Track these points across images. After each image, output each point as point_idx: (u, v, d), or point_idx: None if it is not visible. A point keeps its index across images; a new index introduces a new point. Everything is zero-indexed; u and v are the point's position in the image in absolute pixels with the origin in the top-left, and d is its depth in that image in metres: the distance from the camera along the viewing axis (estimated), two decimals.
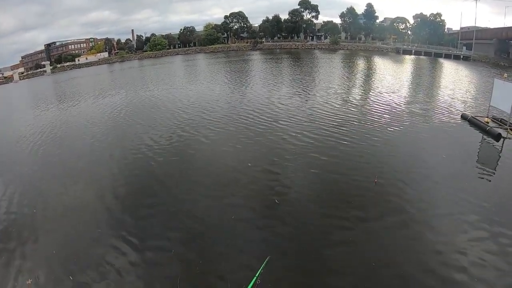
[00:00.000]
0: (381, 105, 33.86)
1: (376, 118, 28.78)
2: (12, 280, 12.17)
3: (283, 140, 24.13)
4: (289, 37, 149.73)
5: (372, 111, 31.47)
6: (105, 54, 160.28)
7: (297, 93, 40.99)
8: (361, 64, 78.99)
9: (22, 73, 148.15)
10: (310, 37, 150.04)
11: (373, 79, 54.11)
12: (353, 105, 33.94)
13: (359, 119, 28.59)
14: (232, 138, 25.31)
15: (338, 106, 33.55)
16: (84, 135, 30.12)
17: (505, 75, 50.55)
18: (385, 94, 39.63)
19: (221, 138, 25.58)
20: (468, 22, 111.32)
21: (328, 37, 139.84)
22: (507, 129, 24.89)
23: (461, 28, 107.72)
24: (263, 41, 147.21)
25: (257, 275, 10.61)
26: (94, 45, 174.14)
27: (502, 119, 26.48)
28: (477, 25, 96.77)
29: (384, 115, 29.75)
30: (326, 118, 29.09)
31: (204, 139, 25.57)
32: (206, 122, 29.69)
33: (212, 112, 33.33)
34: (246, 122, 28.98)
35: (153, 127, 29.86)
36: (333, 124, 27.22)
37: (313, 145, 22.94)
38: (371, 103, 34.77)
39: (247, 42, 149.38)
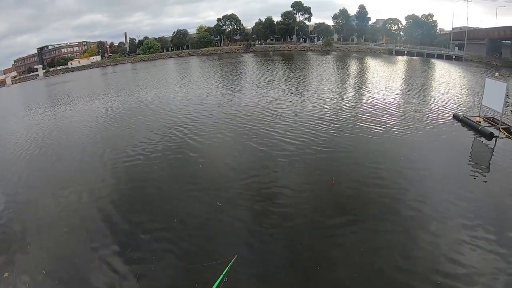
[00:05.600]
0: (372, 106, 33.76)
1: (367, 119, 28.63)
2: None
3: (269, 141, 24.03)
4: (282, 39, 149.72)
5: (363, 112, 31.33)
6: (98, 58, 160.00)
7: (289, 95, 40.83)
8: (353, 65, 79.23)
9: (15, 77, 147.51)
10: (303, 39, 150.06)
11: (365, 80, 53.92)
12: (344, 106, 33.85)
13: (350, 120, 28.56)
14: (221, 140, 25.38)
15: (328, 107, 33.43)
16: (75, 140, 29.72)
17: (497, 74, 51.25)
18: (377, 95, 39.57)
19: (212, 140, 25.51)
20: (460, 23, 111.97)
21: (321, 38, 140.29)
22: (499, 128, 24.90)
23: (453, 29, 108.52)
24: (256, 44, 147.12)
25: (224, 273, 10.83)
26: (87, 49, 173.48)
27: (494, 118, 26.47)
28: (469, 25, 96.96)
29: (375, 116, 29.61)
30: (316, 119, 28.88)
31: (196, 142, 25.47)
32: (198, 125, 29.59)
33: (204, 115, 33.16)
34: (236, 125, 28.87)
35: (145, 131, 29.51)
36: (323, 125, 27.21)
37: (299, 146, 22.91)
38: (362, 104, 34.64)
39: (240, 45, 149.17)
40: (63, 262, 12.98)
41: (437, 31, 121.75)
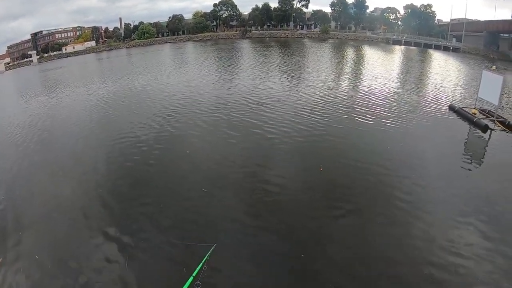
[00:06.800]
0: (368, 95, 33.52)
1: (363, 108, 28.50)
2: None
3: (263, 130, 23.84)
4: (279, 26, 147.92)
5: (359, 101, 31.14)
6: (93, 43, 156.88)
7: (281, 83, 40.37)
8: (350, 54, 78.59)
9: (8, 63, 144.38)
10: (300, 26, 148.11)
11: (360, 69, 53.65)
12: (337, 95, 33.60)
13: (341, 109, 28.43)
14: (210, 126, 25.41)
15: (324, 96, 33.09)
16: (70, 126, 29.62)
17: (494, 67, 50.89)
18: (373, 84, 39.23)
19: (201, 126, 25.50)
20: (459, 14, 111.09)
21: (318, 26, 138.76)
22: (494, 120, 24.92)
23: (452, 20, 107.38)
24: (252, 30, 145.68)
25: (203, 261, 10.91)
26: (81, 34, 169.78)
27: (490, 110, 26.53)
28: (468, 17, 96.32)
29: (371, 105, 29.50)
30: (306, 108, 28.69)
31: (185, 127, 25.59)
32: (188, 111, 29.54)
33: (195, 101, 32.96)
34: (225, 112, 28.74)
35: (135, 117, 29.37)
36: (313, 114, 27.09)
37: (288, 134, 22.98)
38: (355, 94, 34.43)
39: (236, 31, 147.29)
40: (55, 247, 13.25)
41: (435, 21, 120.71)
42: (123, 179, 18.27)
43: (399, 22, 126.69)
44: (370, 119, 25.60)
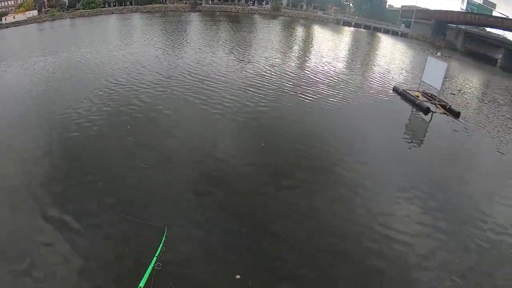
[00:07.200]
0: (313, 74, 32.96)
1: (307, 87, 28.04)
2: None
3: (207, 106, 23.05)
4: (230, 0, 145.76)
5: (304, 79, 30.60)
6: (35, 13, 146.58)
7: (229, 59, 38.47)
8: (300, 32, 77.86)
9: None
10: (251, 2, 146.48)
11: (308, 48, 52.97)
12: (285, 73, 32.65)
13: (289, 87, 27.90)
14: (151, 102, 24.00)
15: (269, 73, 32.03)
16: (6, 102, 26.27)
17: (439, 54, 51.74)
18: (319, 63, 38.68)
19: (142, 101, 24.06)
20: (410, 1, 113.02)
21: (270, 2, 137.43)
22: (436, 104, 25.63)
23: (402, 6, 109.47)
24: (202, 3, 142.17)
25: (162, 243, 10.65)
26: (22, 3, 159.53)
27: (432, 94, 27.16)
28: (418, 5, 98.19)
29: (316, 84, 29.15)
30: (255, 85, 27.69)
31: (132, 103, 23.92)
32: (135, 87, 27.46)
33: (142, 76, 30.63)
34: (166, 86, 27.12)
35: (80, 92, 26.62)
36: (262, 91, 26.32)
37: (236, 109, 22.50)
38: (303, 72, 33.75)
39: (186, 3, 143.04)
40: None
41: (386, 6, 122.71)
42: (62, 157, 17.00)
43: (351, 4, 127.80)
44: (314, 97, 25.27)
